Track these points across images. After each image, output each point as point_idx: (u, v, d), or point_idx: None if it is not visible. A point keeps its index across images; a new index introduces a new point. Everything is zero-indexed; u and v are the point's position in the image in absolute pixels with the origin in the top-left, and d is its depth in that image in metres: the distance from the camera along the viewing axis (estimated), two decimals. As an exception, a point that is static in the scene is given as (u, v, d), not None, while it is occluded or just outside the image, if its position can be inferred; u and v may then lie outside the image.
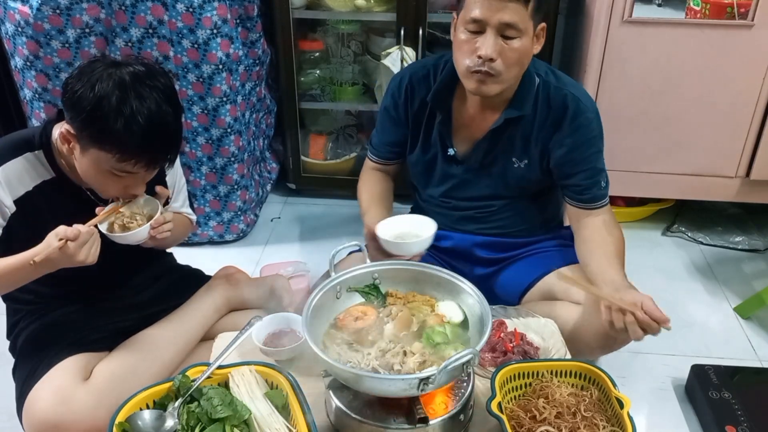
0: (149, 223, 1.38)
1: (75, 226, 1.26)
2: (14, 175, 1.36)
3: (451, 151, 1.67)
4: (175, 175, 1.65)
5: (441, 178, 1.73)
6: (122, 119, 1.23)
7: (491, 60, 1.44)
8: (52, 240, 1.24)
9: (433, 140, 1.70)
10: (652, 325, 1.35)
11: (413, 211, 1.94)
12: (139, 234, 1.37)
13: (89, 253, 1.28)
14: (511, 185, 1.68)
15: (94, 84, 1.24)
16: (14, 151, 1.38)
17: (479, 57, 1.44)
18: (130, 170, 1.29)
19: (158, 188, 1.46)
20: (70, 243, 1.24)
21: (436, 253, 1.81)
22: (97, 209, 1.38)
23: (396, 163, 1.83)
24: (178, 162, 1.66)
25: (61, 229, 1.25)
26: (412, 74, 1.69)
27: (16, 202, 1.37)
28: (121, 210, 1.39)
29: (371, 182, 1.82)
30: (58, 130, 1.34)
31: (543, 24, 1.49)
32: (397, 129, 1.74)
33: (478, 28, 1.43)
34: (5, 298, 1.57)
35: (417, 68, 1.70)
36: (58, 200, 1.41)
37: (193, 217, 1.78)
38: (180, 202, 1.70)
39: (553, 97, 1.57)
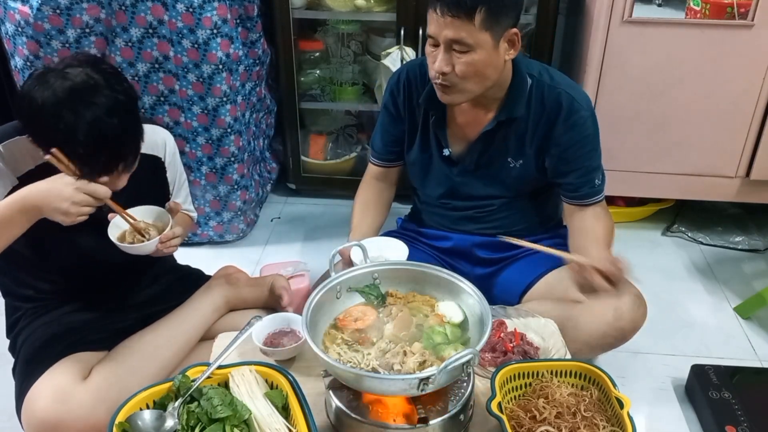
0: (158, 237, 1.40)
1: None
2: (18, 152, 1.38)
3: (446, 152, 1.68)
4: (176, 171, 1.66)
5: (438, 179, 1.73)
6: (60, 134, 1.22)
7: (444, 74, 1.47)
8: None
9: (430, 140, 1.70)
10: (609, 269, 1.48)
11: (413, 213, 1.94)
12: (147, 247, 1.40)
13: (81, 210, 1.24)
14: (508, 185, 1.68)
15: (34, 94, 1.23)
16: (17, 131, 1.38)
17: (435, 71, 1.48)
18: (88, 177, 1.27)
19: (171, 203, 1.47)
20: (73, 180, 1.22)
21: (436, 253, 1.81)
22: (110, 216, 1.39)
23: (397, 165, 1.83)
24: (178, 158, 1.67)
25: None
26: (409, 70, 1.70)
27: (19, 178, 1.37)
28: (136, 221, 1.41)
29: (367, 196, 1.83)
30: None
31: (513, 30, 1.47)
32: (397, 125, 1.75)
33: (434, 42, 1.47)
34: (4, 295, 1.58)
35: (414, 65, 1.71)
36: None
37: (194, 215, 1.79)
38: (181, 199, 1.70)
39: (547, 97, 1.57)
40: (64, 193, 1.23)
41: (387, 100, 1.74)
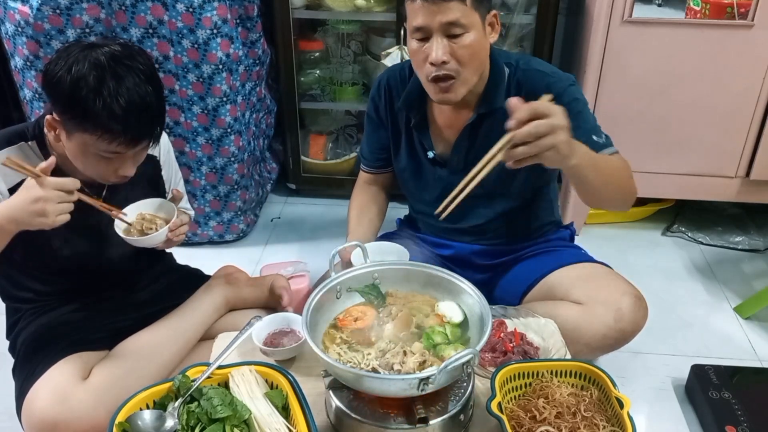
0: (167, 227, 1.40)
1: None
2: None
3: (430, 154, 1.66)
4: (171, 169, 1.66)
5: (430, 182, 1.71)
6: (101, 100, 1.23)
7: (444, 63, 1.41)
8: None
9: (415, 144, 1.69)
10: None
11: (404, 222, 1.93)
12: (157, 237, 1.40)
13: (57, 207, 1.20)
14: (503, 181, 1.63)
15: (70, 66, 1.24)
16: (7, 142, 1.39)
17: (432, 64, 1.42)
18: (114, 150, 1.29)
19: (174, 190, 1.47)
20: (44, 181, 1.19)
21: (437, 258, 1.80)
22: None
23: (387, 172, 1.83)
24: (172, 156, 1.67)
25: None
26: (389, 77, 1.68)
27: (10, 190, 1.37)
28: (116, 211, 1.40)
29: (361, 201, 1.81)
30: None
31: (494, 11, 1.46)
32: (381, 133, 1.74)
33: (424, 34, 1.42)
34: (4, 298, 1.58)
35: (394, 70, 1.68)
36: None
37: (191, 213, 1.79)
38: None
39: (522, 81, 1.54)
40: (33, 195, 1.21)
41: (369, 109, 1.73)
